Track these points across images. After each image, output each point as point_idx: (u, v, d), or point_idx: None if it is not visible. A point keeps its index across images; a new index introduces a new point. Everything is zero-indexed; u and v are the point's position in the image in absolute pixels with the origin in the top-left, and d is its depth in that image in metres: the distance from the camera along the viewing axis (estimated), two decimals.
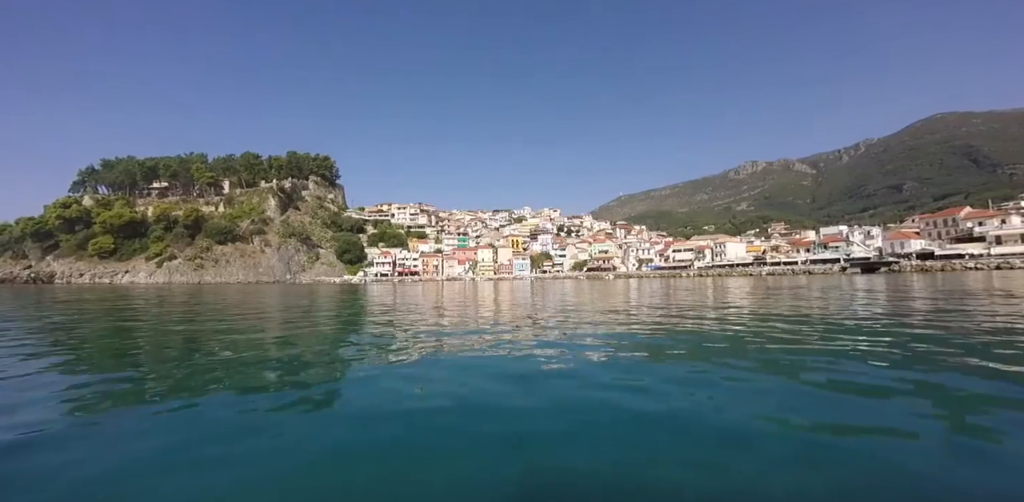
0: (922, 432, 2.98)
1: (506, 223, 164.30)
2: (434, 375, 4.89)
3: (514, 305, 16.24)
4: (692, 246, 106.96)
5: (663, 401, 3.70)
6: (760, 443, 2.86)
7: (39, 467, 2.63)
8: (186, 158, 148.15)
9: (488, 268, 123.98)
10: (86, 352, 6.86)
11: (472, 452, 2.79)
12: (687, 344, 6.69)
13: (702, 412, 3.43)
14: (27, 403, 3.93)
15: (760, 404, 3.63)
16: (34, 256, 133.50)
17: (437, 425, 3.26)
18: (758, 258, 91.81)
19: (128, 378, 4.93)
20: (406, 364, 5.50)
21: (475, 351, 6.33)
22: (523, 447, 2.83)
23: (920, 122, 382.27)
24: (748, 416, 3.31)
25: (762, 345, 6.32)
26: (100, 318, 12.87)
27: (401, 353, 6.27)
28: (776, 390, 4.07)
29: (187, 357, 6.14)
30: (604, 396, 3.87)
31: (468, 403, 3.79)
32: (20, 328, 10.09)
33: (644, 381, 4.37)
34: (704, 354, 5.85)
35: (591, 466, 2.56)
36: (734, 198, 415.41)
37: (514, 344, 6.89)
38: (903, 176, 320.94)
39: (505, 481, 2.42)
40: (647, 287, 33.91)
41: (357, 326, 10.27)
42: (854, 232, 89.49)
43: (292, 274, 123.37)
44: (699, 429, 3.09)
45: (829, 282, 34.86)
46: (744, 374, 4.61)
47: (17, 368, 5.37)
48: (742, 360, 5.29)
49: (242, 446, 2.90)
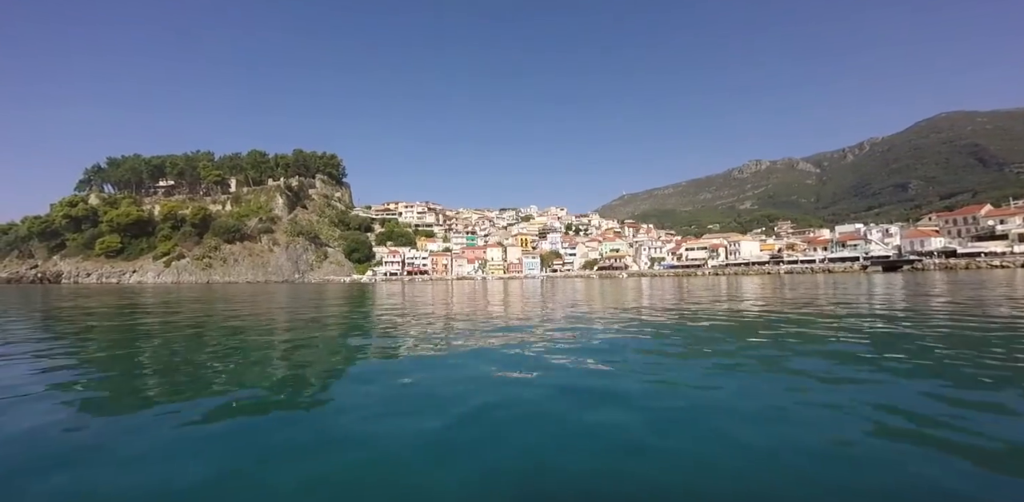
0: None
1: (513, 222, 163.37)
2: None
3: (543, 306, 15.38)
4: (705, 244, 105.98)
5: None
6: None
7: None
8: (192, 156, 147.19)
9: (498, 267, 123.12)
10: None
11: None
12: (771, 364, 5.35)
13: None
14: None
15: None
16: (40, 255, 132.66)
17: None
18: (774, 256, 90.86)
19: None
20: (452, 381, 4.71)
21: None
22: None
23: (925, 121, 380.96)
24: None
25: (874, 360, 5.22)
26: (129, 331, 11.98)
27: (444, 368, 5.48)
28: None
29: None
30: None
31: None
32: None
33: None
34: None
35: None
36: (737, 197, 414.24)
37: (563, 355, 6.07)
38: (908, 175, 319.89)
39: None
40: (664, 286, 33.02)
41: (393, 337, 8.47)
42: (872, 230, 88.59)
43: (300, 273, 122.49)
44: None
45: (857, 280, 34.22)
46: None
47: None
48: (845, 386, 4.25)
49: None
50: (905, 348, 5.86)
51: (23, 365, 5.64)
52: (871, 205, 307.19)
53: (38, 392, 4.27)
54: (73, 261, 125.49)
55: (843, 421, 3.17)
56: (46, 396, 4.15)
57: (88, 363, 5.89)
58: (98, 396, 4.28)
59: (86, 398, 4.16)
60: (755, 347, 6.33)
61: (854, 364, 4.99)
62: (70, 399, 4.09)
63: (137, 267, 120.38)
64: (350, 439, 2.99)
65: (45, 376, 5.00)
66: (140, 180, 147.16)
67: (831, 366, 4.91)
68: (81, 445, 2.97)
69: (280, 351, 6.59)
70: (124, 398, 4.22)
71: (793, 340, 6.74)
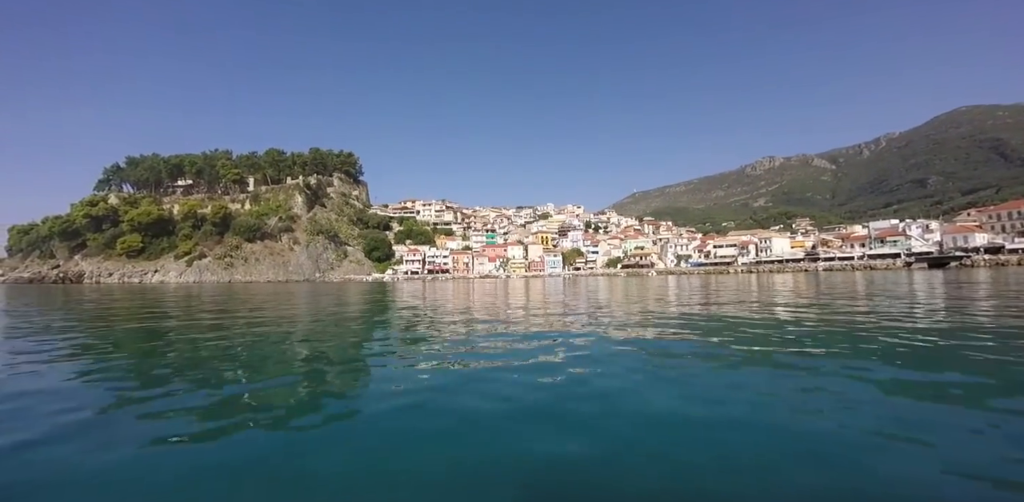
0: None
1: (531, 220, 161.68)
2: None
3: (585, 304, 13.96)
4: (734, 241, 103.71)
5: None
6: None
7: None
8: (211, 155, 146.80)
9: (519, 265, 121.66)
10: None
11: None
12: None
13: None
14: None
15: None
16: (62, 255, 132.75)
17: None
18: (809, 254, 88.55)
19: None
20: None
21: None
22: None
23: (943, 115, 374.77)
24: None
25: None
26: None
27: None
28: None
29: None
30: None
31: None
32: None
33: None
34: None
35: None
36: (751, 194, 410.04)
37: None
38: (927, 170, 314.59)
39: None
40: (699, 284, 31.36)
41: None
42: (911, 226, 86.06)
43: (321, 272, 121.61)
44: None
45: (908, 278, 31.90)
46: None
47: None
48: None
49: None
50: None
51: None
52: (889, 202, 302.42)
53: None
54: (94, 261, 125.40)
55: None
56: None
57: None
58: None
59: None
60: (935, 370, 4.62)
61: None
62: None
63: (159, 266, 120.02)
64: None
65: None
66: (159, 179, 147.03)
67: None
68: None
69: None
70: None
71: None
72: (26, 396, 4.07)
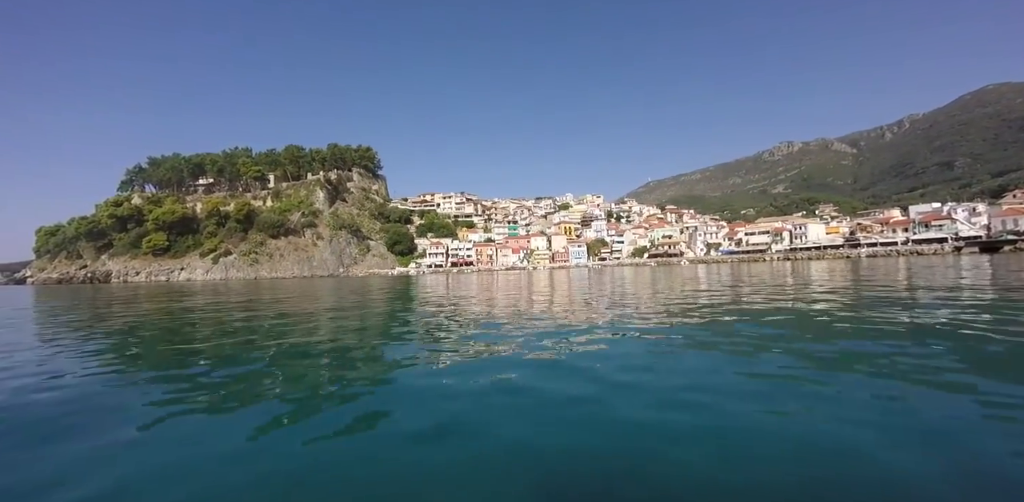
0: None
1: (551, 211, 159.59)
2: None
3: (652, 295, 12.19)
4: (767, 228, 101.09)
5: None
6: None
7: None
8: (231, 153, 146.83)
9: (543, 257, 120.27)
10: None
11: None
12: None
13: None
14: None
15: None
16: (88, 255, 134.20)
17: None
18: (849, 240, 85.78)
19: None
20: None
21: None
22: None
23: (969, 95, 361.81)
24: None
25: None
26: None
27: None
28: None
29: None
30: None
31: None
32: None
33: None
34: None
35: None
36: (769, 181, 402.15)
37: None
38: (954, 153, 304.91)
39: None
40: (739, 272, 29.67)
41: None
42: (957, 209, 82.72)
43: (345, 267, 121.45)
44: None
45: (963, 263, 29.75)
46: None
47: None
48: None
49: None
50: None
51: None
52: (914, 185, 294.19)
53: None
54: (121, 260, 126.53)
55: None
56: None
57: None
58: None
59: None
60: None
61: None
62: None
63: (185, 264, 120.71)
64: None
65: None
66: (181, 178, 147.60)
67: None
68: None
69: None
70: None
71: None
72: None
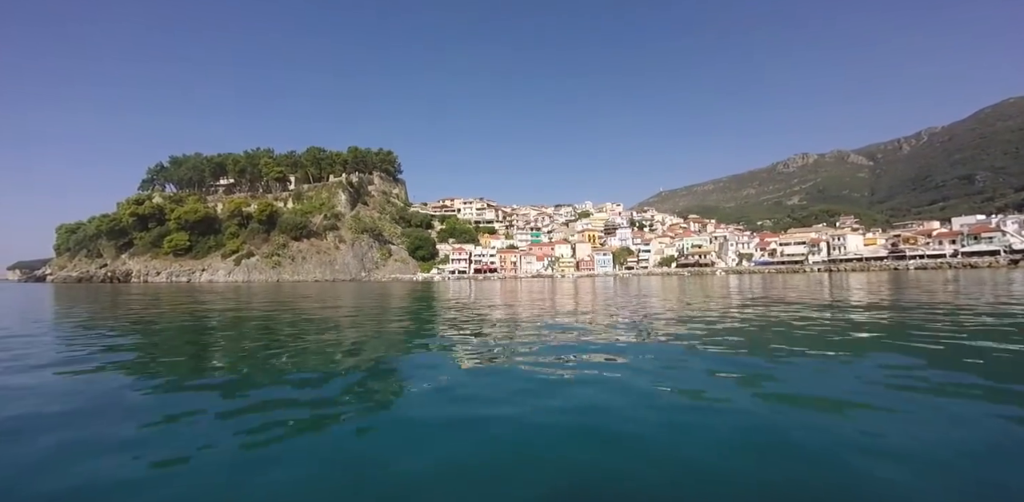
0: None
1: (572, 218, 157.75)
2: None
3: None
4: (803, 239, 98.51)
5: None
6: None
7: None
8: (253, 153, 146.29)
9: (569, 264, 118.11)
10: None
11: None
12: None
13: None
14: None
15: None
16: (109, 254, 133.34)
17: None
18: (893, 251, 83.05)
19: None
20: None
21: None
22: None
23: (990, 107, 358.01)
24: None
25: None
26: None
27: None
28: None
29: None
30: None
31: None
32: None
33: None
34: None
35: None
36: (784, 192, 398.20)
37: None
38: (975, 166, 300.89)
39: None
40: (790, 284, 27.73)
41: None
42: (1006, 222, 79.97)
43: (367, 271, 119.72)
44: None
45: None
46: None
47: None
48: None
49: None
50: None
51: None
52: (934, 199, 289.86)
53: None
54: (142, 260, 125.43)
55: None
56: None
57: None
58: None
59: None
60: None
61: None
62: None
63: (206, 265, 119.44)
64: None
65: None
66: (202, 178, 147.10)
67: None
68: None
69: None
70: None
71: None
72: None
